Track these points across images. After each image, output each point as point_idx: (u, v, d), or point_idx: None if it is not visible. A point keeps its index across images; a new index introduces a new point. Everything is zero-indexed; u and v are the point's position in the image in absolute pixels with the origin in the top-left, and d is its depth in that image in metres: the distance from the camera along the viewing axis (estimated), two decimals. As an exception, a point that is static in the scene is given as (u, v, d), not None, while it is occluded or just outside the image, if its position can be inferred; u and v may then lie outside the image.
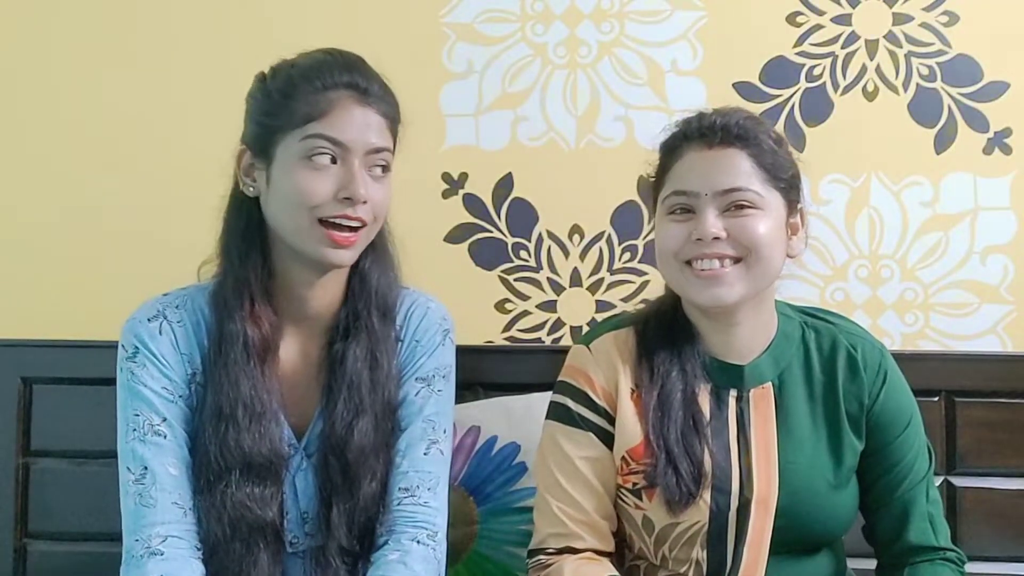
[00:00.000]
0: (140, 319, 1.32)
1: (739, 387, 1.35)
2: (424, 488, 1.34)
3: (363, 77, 1.29)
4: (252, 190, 1.31)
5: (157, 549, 1.23)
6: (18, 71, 2.02)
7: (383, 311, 1.36)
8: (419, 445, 1.36)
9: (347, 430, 1.31)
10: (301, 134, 1.25)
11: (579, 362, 1.39)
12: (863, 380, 1.36)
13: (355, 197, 1.25)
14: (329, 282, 1.34)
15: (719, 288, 1.28)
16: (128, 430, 1.28)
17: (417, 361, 1.39)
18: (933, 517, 1.37)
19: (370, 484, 1.32)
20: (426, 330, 1.41)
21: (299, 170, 1.25)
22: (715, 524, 1.31)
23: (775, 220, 1.30)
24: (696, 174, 1.30)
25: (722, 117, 1.31)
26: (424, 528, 1.32)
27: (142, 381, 1.29)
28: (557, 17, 1.96)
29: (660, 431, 1.31)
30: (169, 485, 1.26)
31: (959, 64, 1.89)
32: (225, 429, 1.27)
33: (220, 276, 1.34)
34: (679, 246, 1.30)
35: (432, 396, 1.38)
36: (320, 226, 1.26)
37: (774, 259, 1.30)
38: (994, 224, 1.89)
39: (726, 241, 1.27)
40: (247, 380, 1.29)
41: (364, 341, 1.34)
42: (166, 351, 1.31)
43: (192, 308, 1.34)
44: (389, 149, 1.31)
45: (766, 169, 1.30)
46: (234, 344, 1.29)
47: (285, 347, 1.36)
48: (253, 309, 1.30)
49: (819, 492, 1.33)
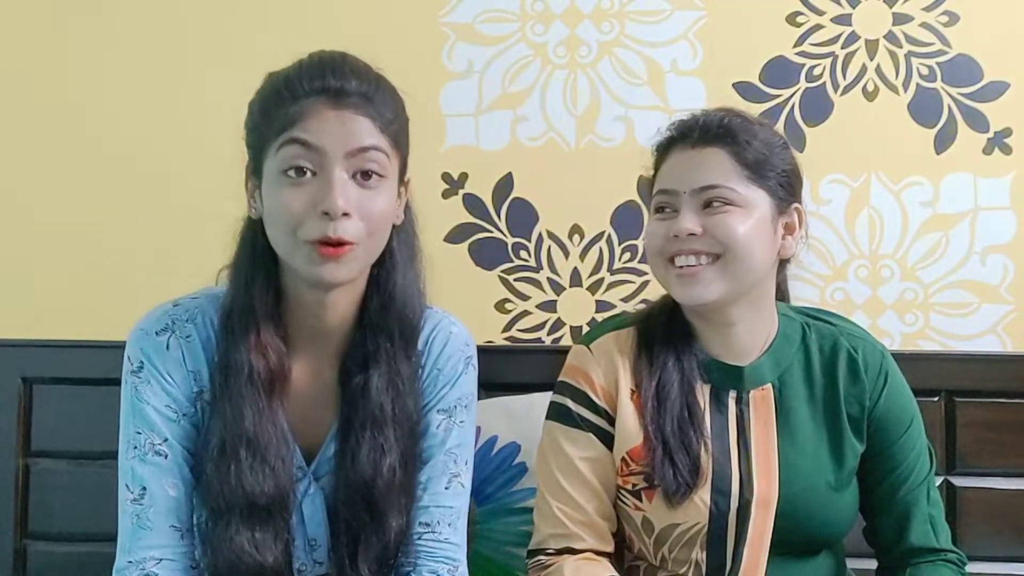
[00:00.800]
0: (148, 331, 1.27)
1: (739, 388, 1.35)
2: (444, 524, 1.31)
3: (337, 77, 1.19)
4: (255, 212, 1.26)
5: (152, 572, 1.21)
6: (21, 73, 2.02)
7: (406, 337, 1.30)
8: (440, 480, 1.32)
9: (374, 470, 1.26)
10: (277, 145, 1.19)
11: (580, 362, 1.39)
12: (864, 382, 1.36)
13: (332, 210, 1.15)
14: (339, 301, 1.27)
15: (696, 287, 1.29)
16: (129, 447, 1.25)
17: (439, 392, 1.34)
18: (934, 519, 1.37)
19: (398, 520, 1.28)
20: (449, 357, 1.34)
21: (278, 187, 1.19)
22: (715, 525, 1.31)
23: (757, 219, 1.29)
24: (676, 173, 1.32)
25: (706, 116, 1.33)
26: (445, 563, 1.30)
27: (145, 399, 1.25)
28: (557, 17, 1.96)
29: (657, 421, 1.32)
30: (167, 507, 1.23)
31: (959, 64, 1.89)
32: (227, 467, 1.23)
33: (229, 298, 1.28)
34: (661, 244, 1.31)
35: (454, 428, 1.34)
36: (306, 245, 1.18)
37: (754, 258, 1.29)
38: (994, 224, 1.89)
39: (702, 238, 1.28)
40: (252, 413, 1.23)
41: (384, 370, 1.28)
42: (172, 368, 1.26)
43: (203, 322, 1.28)
44: (379, 148, 1.20)
45: (749, 167, 1.29)
46: (239, 375, 1.24)
47: (297, 368, 1.30)
48: (259, 339, 1.25)
49: (819, 494, 1.33)
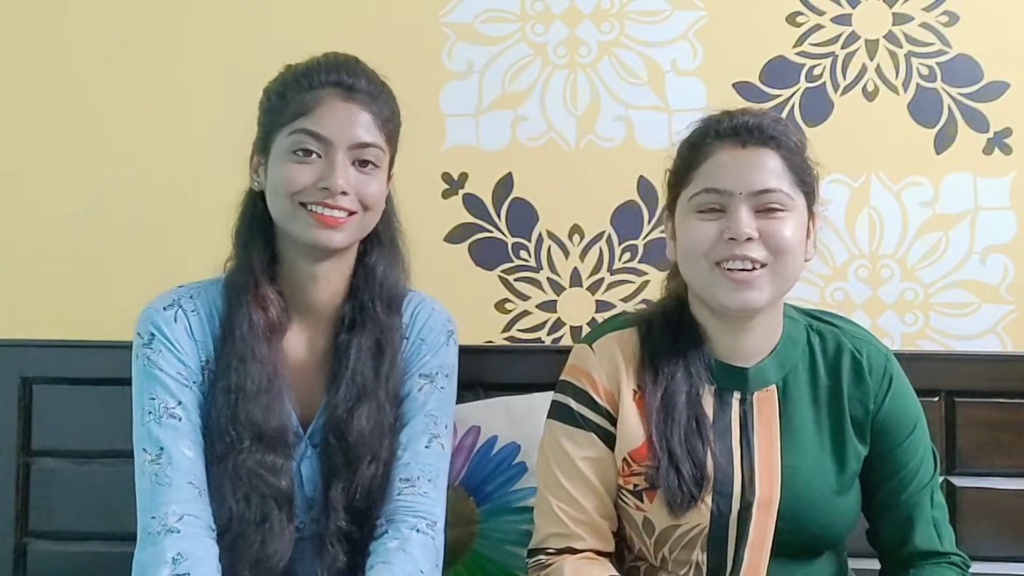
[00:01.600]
0: (156, 308, 1.37)
1: (743, 390, 1.34)
2: (424, 479, 1.37)
3: (350, 75, 1.34)
4: (258, 185, 1.38)
5: (174, 527, 1.25)
6: (23, 71, 2.02)
7: (388, 303, 1.41)
8: (421, 438, 1.39)
9: (348, 414, 1.35)
10: (289, 130, 1.32)
11: (581, 362, 1.38)
12: (868, 384, 1.35)
13: (332, 188, 1.30)
14: (331, 275, 1.39)
15: (749, 292, 1.26)
16: (144, 413, 1.32)
17: (422, 358, 1.44)
18: (938, 522, 1.36)
19: (369, 466, 1.35)
20: (431, 329, 1.45)
21: (285, 162, 1.32)
22: (716, 526, 1.30)
23: (800, 223, 1.29)
24: (729, 173, 1.27)
25: (754, 117, 1.30)
26: (423, 517, 1.35)
27: (158, 366, 1.33)
28: (557, 17, 1.96)
29: (663, 433, 1.30)
30: (185, 466, 1.29)
31: (959, 64, 1.89)
32: (236, 402, 1.32)
33: (232, 265, 1.40)
34: (710, 246, 1.27)
35: (435, 392, 1.42)
36: (303, 209, 1.32)
37: (798, 263, 1.29)
38: (994, 224, 1.89)
39: (757, 243, 1.26)
40: (255, 358, 1.34)
41: (369, 333, 1.39)
42: (181, 338, 1.35)
43: (206, 299, 1.39)
44: (377, 146, 1.34)
45: (794, 171, 1.29)
46: (242, 324, 1.34)
47: (292, 338, 1.40)
48: (259, 292, 1.36)
49: (822, 496, 1.32)
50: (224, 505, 1.31)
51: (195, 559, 1.24)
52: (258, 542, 1.31)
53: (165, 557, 1.23)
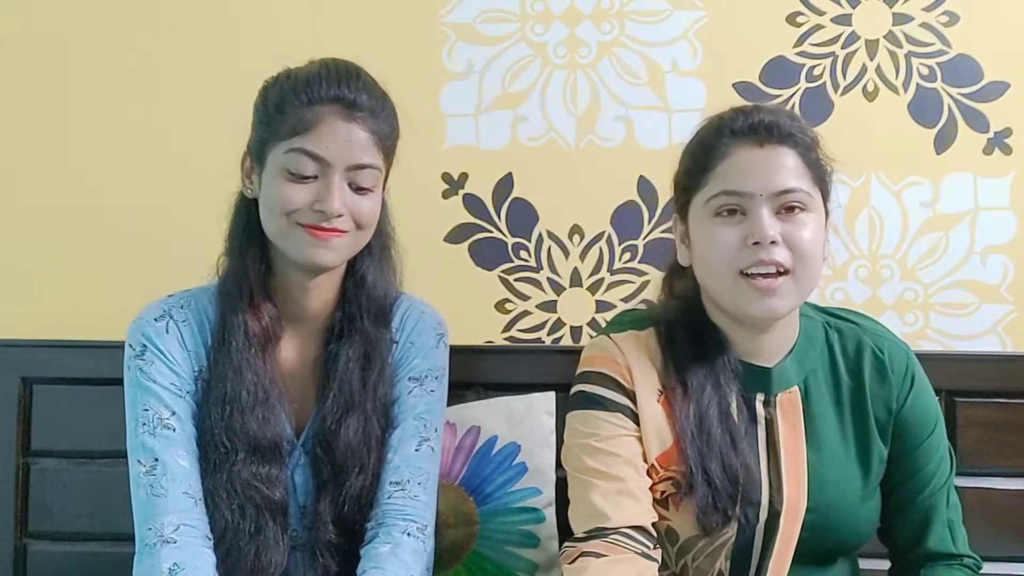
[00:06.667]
0: (147, 319, 1.36)
1: (766, 391, 1.30)
2: (415, 483, 1.37)
3: (352, 90, 1.31)
4: (250, 192, 1.37)
5: (170, 537, 1.25)
6: (24, 72, 2.02)
7: (377, 314, 1.40)
8: (411, 441, 1.39)
9: (336, 425, 1.35)
10: (287, 146, 1.29)
11: (603, 351, 1.33)
12: (891, 383, 1.31)
13: (328, 211, 1.29)
14: (323, 285, 1.39)
15: (773, 299, 1.22)
16: (138, 424, 1.32)
17: (411, 362, 1.43)
18: (953, 523, 1.34)
19: (357, 478, 1.35)
20: (420, 332, 1.44)
21: (281, 180, 1.30)
22: (742, 536, 1.26)
23: (819, 223, 1.25)
24: (748, 174, 1.23)
25: (770, 114, 1.25)
26: (414, 521, 1.35)
27: (151, 377, 1.33)
28: (557, 17, 1.96)
29: (699, 449, 1.25)
30: (180, 476, 1.29)
31: (959, 64, 1.89)
32: (230, 413, 1.31)
33: (224, 273, 1.39)
34: (734, 253, 1.23)
35: (425, 395, 1.42)
36: (299, 227, 1.30)
37: (818, 265, 1.25)
38: (994, 224, 1.89)
39: (781, 246, 1.21)
40: (250, 368, 1.33)
41: (357, 343, 1.38)
42: (173, 349, 1.35)
43: (196, 308, 1.38)
44: (375, 167, 1.32)
45: (812, 168, 1.25)
46: (236, 334, 1.33)
47: (285, 347, 1.40)
48: (253, 301, 1.35)
49: (849, 504, 1.29)
50: (218, 516, 1.30)
51: (192, 569, 1.23)
52: (253, 553, 1.31)
53: (162, 568, 1.23)
